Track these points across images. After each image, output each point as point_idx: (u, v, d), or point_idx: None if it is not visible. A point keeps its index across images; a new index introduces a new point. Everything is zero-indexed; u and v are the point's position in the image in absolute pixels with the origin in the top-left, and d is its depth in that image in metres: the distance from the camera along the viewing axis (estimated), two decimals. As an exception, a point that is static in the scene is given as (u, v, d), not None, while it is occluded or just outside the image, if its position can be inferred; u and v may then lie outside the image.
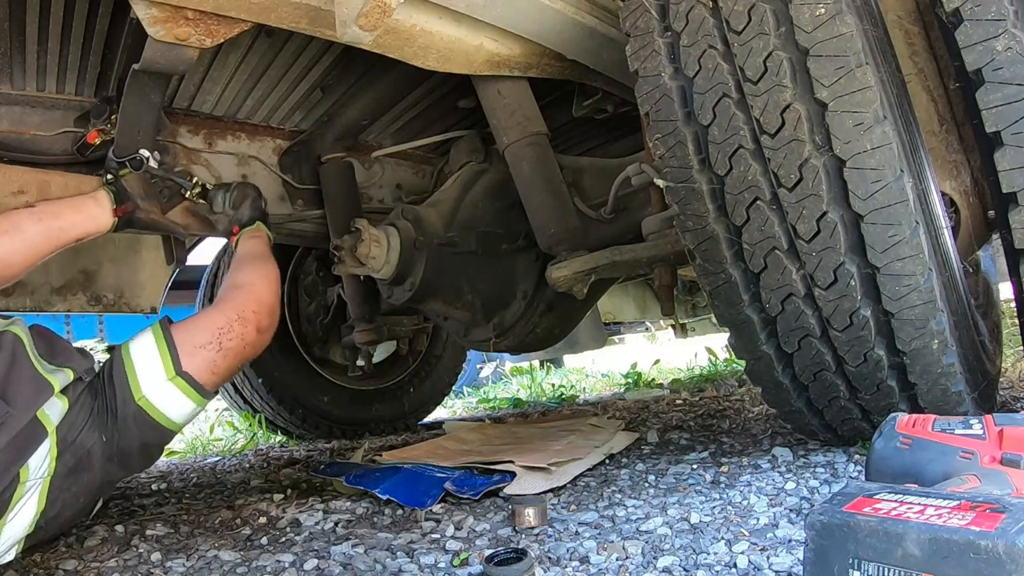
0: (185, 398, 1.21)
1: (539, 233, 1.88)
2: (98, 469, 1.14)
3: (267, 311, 1.37)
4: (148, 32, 1.33)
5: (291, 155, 2.21)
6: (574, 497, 1.42)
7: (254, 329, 1.32)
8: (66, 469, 1.09)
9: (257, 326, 1.33)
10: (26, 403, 1.04)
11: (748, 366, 1.36)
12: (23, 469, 1.03)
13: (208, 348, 1.24)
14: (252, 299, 1.36)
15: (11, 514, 1.04)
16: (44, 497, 1.07)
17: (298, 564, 1.17)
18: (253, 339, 1.32)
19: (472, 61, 1.60)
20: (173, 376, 1.19)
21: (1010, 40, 1.04)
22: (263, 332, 1.35)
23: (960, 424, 0.91)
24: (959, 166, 1.42)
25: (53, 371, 1.10)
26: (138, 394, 1.16)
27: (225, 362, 1.26)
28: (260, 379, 2.84)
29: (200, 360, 1.23)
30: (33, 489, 1.06)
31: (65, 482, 1.10)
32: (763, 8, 1.11)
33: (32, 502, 1.06)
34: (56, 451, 1.07)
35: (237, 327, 1.29)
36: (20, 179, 1.63)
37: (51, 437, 1.06)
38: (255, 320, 1.33)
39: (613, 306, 4.14)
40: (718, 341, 4.63)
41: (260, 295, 1.39)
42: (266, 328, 1.36)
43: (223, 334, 1.27)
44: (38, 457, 1.05)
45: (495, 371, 6.17)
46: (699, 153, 1.21)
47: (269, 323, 1.37)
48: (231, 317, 1.30)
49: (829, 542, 0.66)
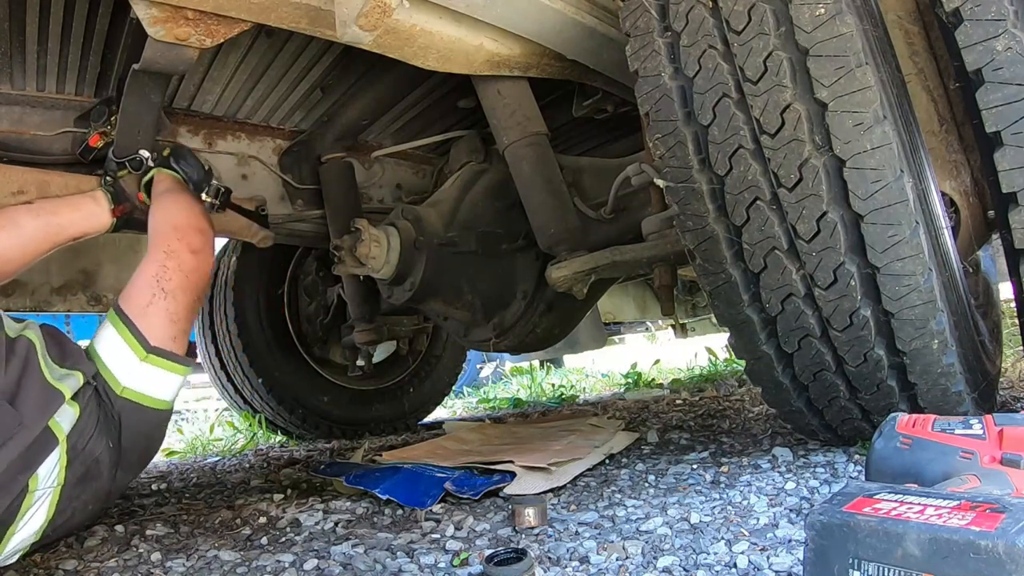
0: (165, 372, 1.19)
1: (539, 233, 1.88)
2: (106, 476, 1.13)
3: (191, 231, 1.32)
4: (148, 32, 1.32)
5: (291, 155, 2.21)
6: (574, 497, 1.42)
7: (187, 254, 1.28)
8: (75, 478, 1.08)
9: (189, 249, 1.29)
10: (37, 413, 1.02)
11: (748, 366, 1.36)
12: (32, 479, 1.01)
13: (154, 301, 1.21)
14: (169, 229, 1.32)
15: (20, 523, 1.02)
16: (54, 506, 1.06)
17: (298, 564, 1.17)
18: (192, 264, 1.28)
19: (472, 61, 1.60)
20: (145, 356, 1.17)
21: (1010, 40, 1.04)
22: (198, 252, 1.30)
23: (960, 424, 0.91)
24: (959, 166, 1.42)
25: (63, 376, 1.09)
26: (119, 388, 1.15)
27: (177, 304, 1.23)
28: (260, 379, 2.84)
29: (153, 318, 1.20)
30: (43, 499, 1.04)
31: (75, 491, 1.08)
32: (763, 8, 1.11)
33: (42, 511, 1.05)
34: (66, 460, 1.06)
35: (170, 263, 1.26)
36: (20, 179, 1.63)
37: (61, 446, 1.05)
38: (183, 246, 1.29)
39: (613, 306, 4.14)
40: (718, 341, 4.63)
41: (174, 221, 1.34)
42: (199, 247, 1.31)
43: (160, 278, 1.23)
44: (47, 466, 1.03)
45: (495, 371, 6.17)
46: (699, 153, 1.21)
47: (200, 241, 1.32)
48: (159, 258, 1.26)
49: (829, 542, 0.66)
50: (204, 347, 3.01)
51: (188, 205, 1.43)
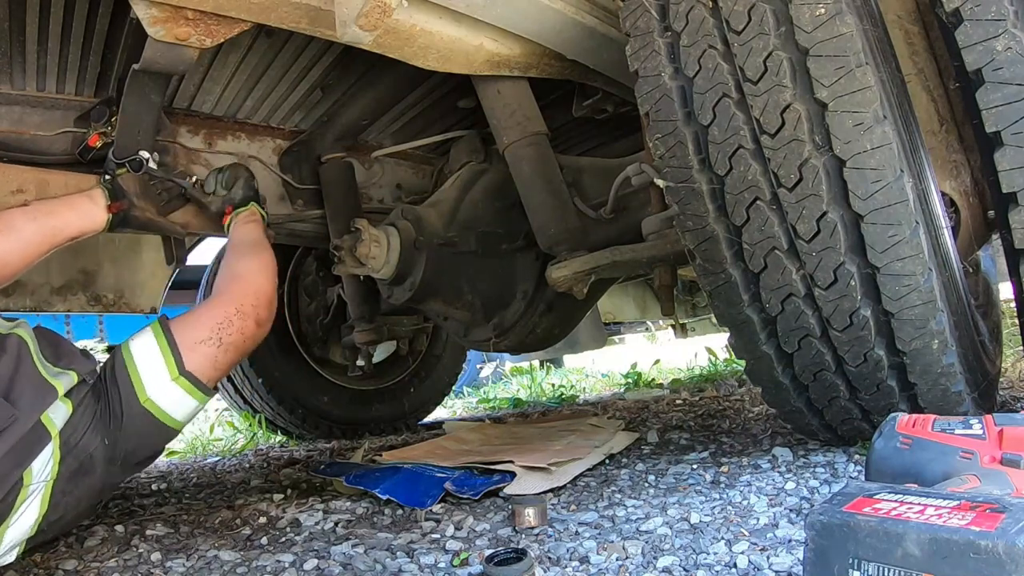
0: (189, 397, 1.20)
1: (539, 233, 1.88)
2: (100, 472, 1.14)
3: (265, 303, 1.35)
4: (148, 32, 1.32)
5: (291, 155, 2.21)
6: (574, 497, 1.42)
7: (253, 322, 1.31)
8: (69, 472, 1.09)
9: (256, 319, 1.32)
10: (30, 407, 1.03)
11: (748, 366, 1.36)
12: (26, 473, 1.02)
13: (208, 344, 1.23)
14: (251, 291, 1.35)
15: (14, 517, 1.03)
16: (47, 501, 1.07)
17: (298, 564, 1.17)
18: (252, 332, 1.31)
19: (472, 61, 1.60)
20: (177, 376, 1.18)
21: (1010, 40, 1.04)
22: (262, 325, 1.33)
23: (960, 424, 0.91)
24: (959, 166, 1.42)
25: (57, 374, 1.10)
26: (143, 396, 1.16)
27: (225, 357, 1.25)
28: (260, 379, 2.84)
29: (200, 356, 1.22)
30: (36, 493, 1.05)
31: (68, 486, 1.09)
32: (763, 8, 1.11)
33: (35, 506, 1.06)
34: (59, 455, 1.07)
35: (236, 321, 1.28)
36: (19, 178, 1.63)
37: (54, 441, 1.06)
38: (254, 313, 1.31)
39: (613, 306, 4.14)
40: (718, 341, 4.63)
41: (258, 287, 1.37)
42: (265, 320, 1.34)
43: (222, 329, 1.26)
44: (41, 461, 1.04)
45: (495, 371, 6.17)
46: (699, 153, 1.21)
47: (268, 315, 1.35)
48: (230, 311, 1.29)
49: (829, 542, 0.66)
50: (204, 347, 3.01)
51: (271, 271, 1.45)
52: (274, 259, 1.49)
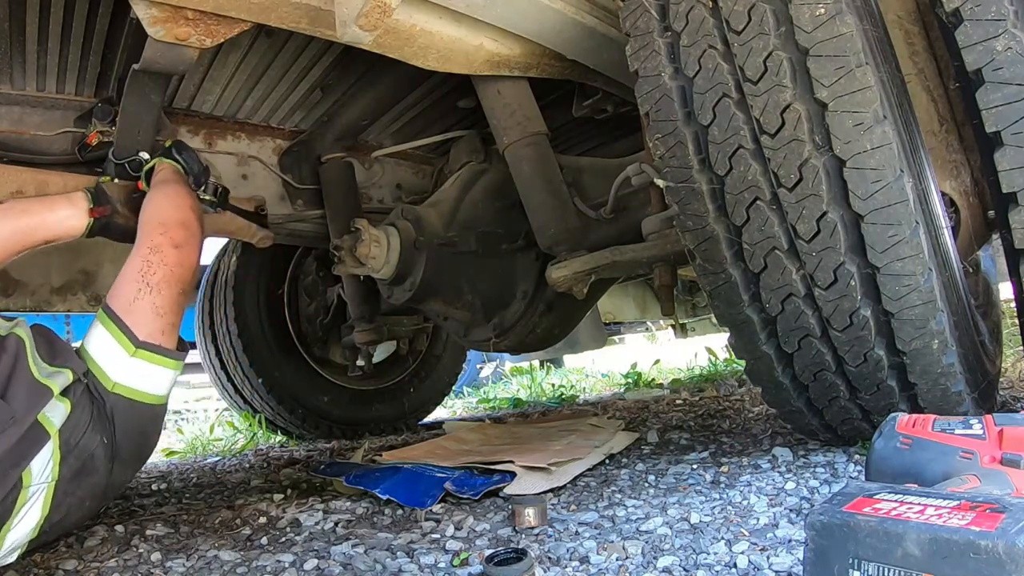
0: (156, 367, 1.19)
1: (539, 233, 1.88)
2: (102, 472, 1.14)
3: (174, 225, 1.32)
4: (148, 32, 1.32)
5: (291, 155, 2.21)
6: (574, 497, 1.42)
7: (170, 248, 1.28)
8: (71, 473, 1.08)
9: (172, 244, 1.28)
10: (26, 407, 1.03)
11: (748, 366, 1.36)
12: (26, 473, 1.02)
13: (139, 296, 1.21)
14: (155, 224, 1.32)
15: (15, 520, 1.03)
16: (48, 502, 1.06)
17: (298, 564, 1.17)
18: (175, 258, 1.27)
19: (472, 61, 1.60)
20: (134, 352, 1.17)
21: (1010, 40, 1.04)
22: (181, 246, 1.30)
23: (960, 424, 0.91)
24: (959, 166, 1.42)
25: (52, 374, 1.10)
26: (109, 384, 1.15)
27: (162, 298, 1.23)
28: (260, 379, 2.84)
29: (140, 313, 1.20)
30: (37, 494, 1.05)
31: (70, 486, 1.09)
32: (763, 8, 1.11)
33: (36, 508, 1.05)
34: (59, 455, 1.06)
35: (153, 258, 1.25)
36: (18, 179, 1.63)
37: (54, 440, 1.06)
38: (167, 241, 1.28)
39: (613, 306, 4.14)
40: (718, 341, 4.63)
41: (160, 216, 1.34)
42: (182, 241, 1.31)
43: (144, 273, 1.23)
44: (41, 461, 1.04)
45: (495, 371, 6.17)
46: (699, 153, 1.21)
47: (183, 236, 1.31)
48: (143, 253, 1.26)
49: (829, 542, 0.66)
50: (204, 347, 3.02)
51: (177, 198, 1.41)
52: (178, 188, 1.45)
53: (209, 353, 2.99)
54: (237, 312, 2.80)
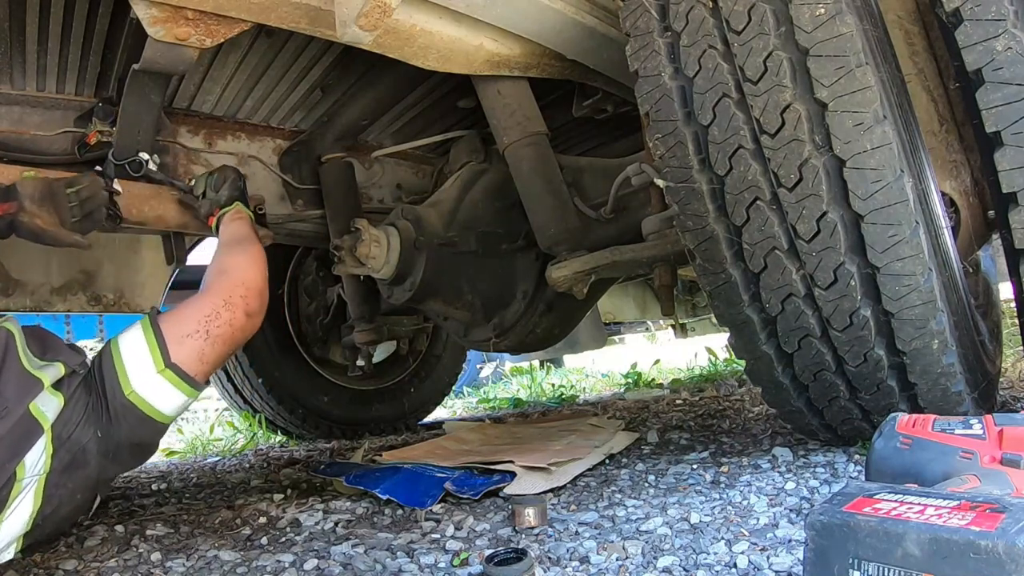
0: (175, 390, 1.19)
1: (539, 233, 1.88)
2: (94, 465, 1.14)
3: (255, 293, 1.33)
4: (148, 32, 1.32)
5: (291, 155, 2.21)
6: (574, 497, 1.42)
7: (242, 313, 1.29)
8: (62, 465, 1.09)
9: (245, 310, 1.30)
10: (16, 398, 1.04)
11: (748, 366, 1.36)
12: (19, 467, 1.03)
13: (195, 337, 1.22)
14: (238, 283, 1.33)
15: (8, 512, 1.03)
16: (40, 494, 1.07)
17: (298, 564, 1.17)
18: (242, 323, 1.29)
19: (472, 61, 1.60)
20: (162, 368, 1.17)
21: (1010, 40, 1.04)
22: (252, 316, 1.31)
23: (960, 424, 0.91)
24: (959, 166, 1.42)
25: (43, 367, 1.10)
26: (128, 388, 1.15)
27: (214, 350, 1.24)
28: (260, 379, 2.84)
29: (188, 349, 1.20)
30: (29, 487, 1.05)
31: (61, 479, 1.09)
32: (763, 8, 1.11)
33: (28, 500, 1.06)
34: (52, 448, 1.07)
35: (224, 313, 1.26)
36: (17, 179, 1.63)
37: (46, 434, 1.06)
38: (243, 304, 1.30)
39: (613, 306, 4.14)
40: (718, 341, 4.63)
41: (246, 278, 1.35)
42: (255, 311, 1.32)
43: (210, 321, 1.24)
44: (34, 454, 1.04)
45: (495, 371, 6.17)
46: (699, 153, 1.21)
47: (258, 306, 1.33)
48: (217, 303, 1.27)
49: (829, 542, 0.66)
50: (204, 347, 3.01)
51: (260, 262, 1.42)
52: (263, 253, 1.47)
53: (209, 353, 2.98)
54: (237, 312, 2.80)
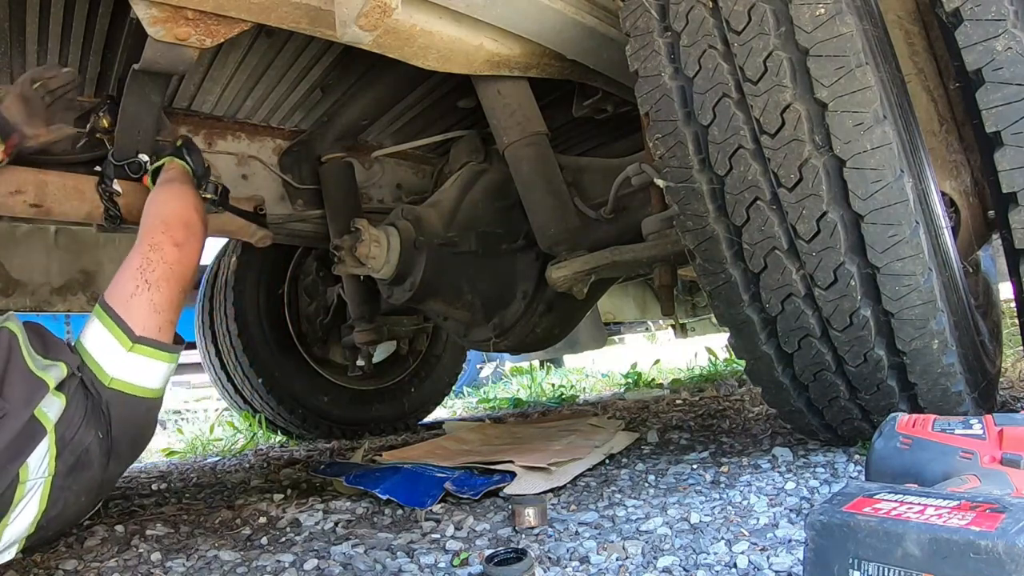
0: (152, 360, 1.20)
1: (539, 233, 1.88)
2: (97, 467, 1.14)
3: (177, 224, 1.33)
4: (148, 32, 1.32)
5: (291, 155, 2.21)
6: (574, 497, 1.42)
7: (171, 247, 1.29)
8: (66, 468, 1.09)
9: (172, 242, 1.29)
10: (22, 402, 1.03)
11: (748, 366, 1.36)
12: (23, 469, 1.02)
13: (137, 292, 1.22)
14: (157, 223, 1.33)
15: (12, 515, 1.03)
16: (45, 497, 1.07)
17: (298, 564, 1.17)
18: (175, 257, 1.28)
19: (472, 61, 1.60)
20: (131, 346, 1.18)
21: (1010, 40, 1.04)
22: (182, 245, 1.31)
23: (960, 424, 0.91)
24: (959, 166, 1.42)
25: (47, 367, 1.10)
26: (107, 379, 1.16)
27: (160, 294, 1.24)
28: (260, 379, 2.84)
29: (137, 308, 1.21)
30: (34, 489, 1.05)
31: (66, 481, 1.09)
32: (763, 8, 1.11)
33: (34, 502, 1.05)
34: (55, 450, 1.07)
35: (153, 255, 1.26)
36: (17, 179, 1.63)
37: (50, 436, 1.06)
38: (167, 239, 1.29)
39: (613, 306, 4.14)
40: (718, 341, 4.63)
41: (163, 214, 1.35)
42: (183, 240, 1.32)
43: (143, 270, 1.24)
44: (37, 456, 1.04)
45: (495, 371, 6.17)
46: (699, 153, 1.21)
47: (184, 234, 1.32)
48: (142, 251, 1.27)
49: (829, 542, 0.66)
50: (204, 347, 3.02)
51: (182, 198, 1.42)
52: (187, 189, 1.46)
53: (209, 353, 2.99)
54: (237, 312, 2.80)
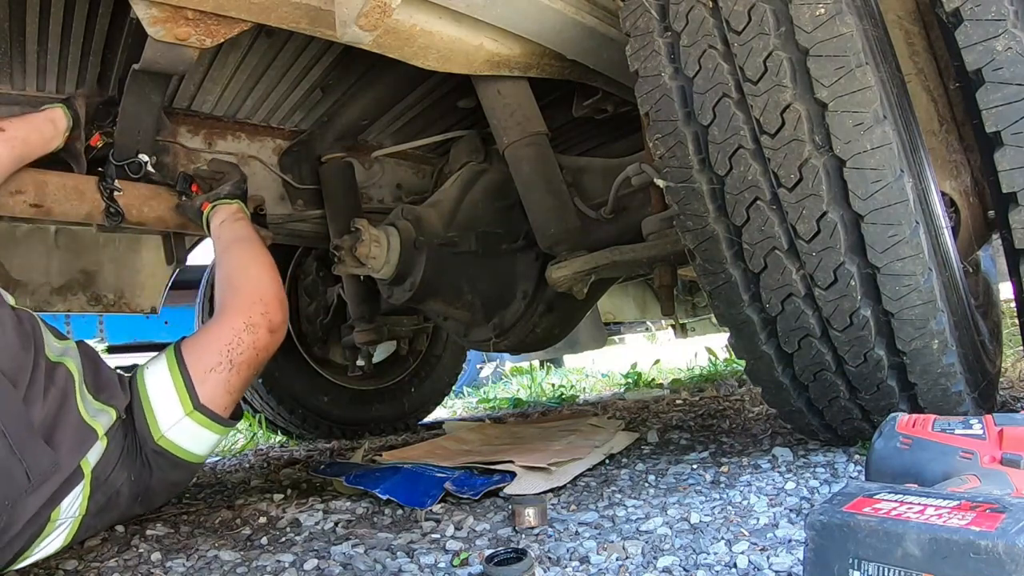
0: (206, 431, 1.16)
1: (539, 233, 1.88)
2: (124, 507, 1.12)
3: (275, 307, 1.26)
4: (148, 32, 1.32)
5: (291, 155, 2.21)
6: (574, 497, 1.42)
7: (265, 332, 1.23)
8: (97, 508, 1.07)
9: (268, 327, 1.24)
10: (71, 452, 1.00)
11: (748, 366, 1.36)
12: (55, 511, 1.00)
13: (219, 369, 1.17)
14: (256, 299, 1.26)
15: (35, 550, 1.01)
16: (72, 534, 1.05)
17: (298, 564, 1.17)
18: (266, 342, 1.23)
19: (472, 61, 1.60)
20: (191, 411, 1.14)
21: (1010, 40, 1.04)
22: (275, 331, 1.25)
23: (960, 424, 0.91)
24: (959, 166, 1.42)
25: (97, 412, 1.06)
26: (158, 434, 1.12)
27: (239, 377, 1.19)
28: (260, 379, 2.84)
29: (213, 384, 1.16)
30: (63, 527, 1.03)
31: (94, 521, 1.08)
32: (763, 8, 1.11)
33: (60, 539, 1.04)
34: (88, 491, 1.04)
35: (246, 337, 1.20)
36: (17, 179, 1.63)
37: (86, 478, 1.03)
38: (264, 322, 1.23)
39: (613, 306, 4.14)
40: (718, 341, 4.63)
41: (263, 292, 1.28)
42: (278, 325, 1.26)
43: (232, 350, 1.19)
44: (71, 498, 1.02)
45: (495, 371, 6.17)
46: (699, 153, 1.21)
47: (280, 318, 1.27)
48: (238, 328, 1.21)
49: (829, 542, 0.66)
50: (204, 347, 3.01)
51: (274, 270, 1.35)
52: (270, 256, 1.41)
53: (209, 353, 2.99)
54: (237, 312, 2.80)
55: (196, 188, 1.76)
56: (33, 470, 0.93)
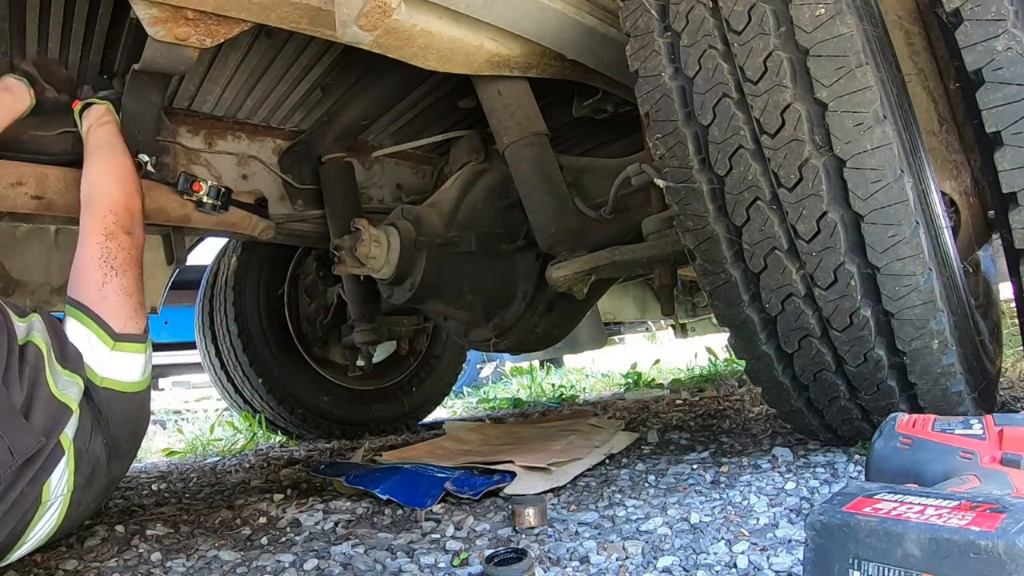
0: (134, 355, 1.19)
1: (539, 233, 1.88)
2: (105, 472, 1.14)
3: (124, 214, 1.32)
4: (148, 32, 1.33)
5: (291, 155, 2.21)
6: (574, 497, 1.42)
7: (124, 235, 1.28)
8: (84, 480, 1.08)
9: (124, 230, 1.29)
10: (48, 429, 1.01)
11: (748, 366, 1.36)
12: (45, 489, 1.01)
13: (107, 280, 1.22)
14: (107, 212, 1.31)
15: (31, 534, 1.02)
16: (64, 512, 1.06)
17: (298, 564, 1.17)
18: (129, 243, 1.29)
19: (472, 61, 1.60)
20: (114, 345, 1.17)
21: (1010, 40, 1.04)
22: (132, 231, 1.31)
23: (960, 424, 0.91)
24: (959, 166, 1.42)
25: (67, 386, 1.08)
26: (98, 380, 1.15)
27: (128, 278, 1.24)
28: (260, 379, 2.84)
29: (112, 296, 1.20)
30: (54, 507, 1.04)
31: (83, 494, 1.09)
32: (763, 8, 1.11)
33: (53, 519, 1.05)
34: (73, 465, 1.05)
35: (111, 244, 1.26)
36: (18, 171, 1.63)
37: (68, 453, 1.04)
38: (119, 228, 1.29)
39: (613, 306, 4.14)
40: (718, 341, 4.63)
41: (113, 203, 1.33)
42: (131, 226, 1.31)
43: (106, 259, 1.24)
44: (57, 475, 1.03)
45: (495, 371, 6.17)
46: (699, 153, 1.21)
47: (129, 220, 1.32)
48: (100, 240, 1.26)
49: (829, 542, 0.66)
50: (204, 347, 3.02)
51: (121, 173, 1.40)
52: (126, 164, 1.44)
53: (209, 353, 2.99)
54: (237, 312, 2.80)
55: (198, 188, 1.76)
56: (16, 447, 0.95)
